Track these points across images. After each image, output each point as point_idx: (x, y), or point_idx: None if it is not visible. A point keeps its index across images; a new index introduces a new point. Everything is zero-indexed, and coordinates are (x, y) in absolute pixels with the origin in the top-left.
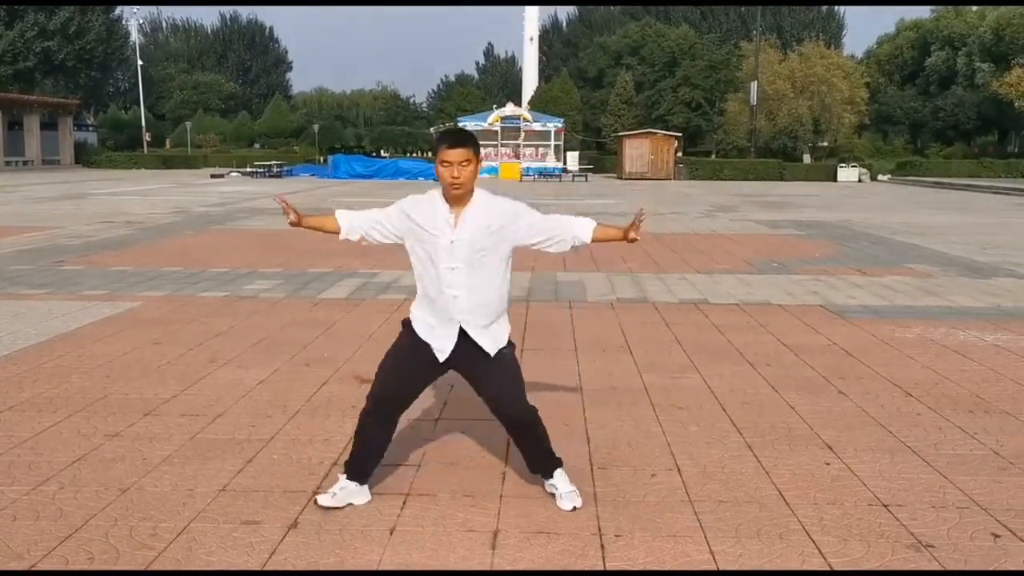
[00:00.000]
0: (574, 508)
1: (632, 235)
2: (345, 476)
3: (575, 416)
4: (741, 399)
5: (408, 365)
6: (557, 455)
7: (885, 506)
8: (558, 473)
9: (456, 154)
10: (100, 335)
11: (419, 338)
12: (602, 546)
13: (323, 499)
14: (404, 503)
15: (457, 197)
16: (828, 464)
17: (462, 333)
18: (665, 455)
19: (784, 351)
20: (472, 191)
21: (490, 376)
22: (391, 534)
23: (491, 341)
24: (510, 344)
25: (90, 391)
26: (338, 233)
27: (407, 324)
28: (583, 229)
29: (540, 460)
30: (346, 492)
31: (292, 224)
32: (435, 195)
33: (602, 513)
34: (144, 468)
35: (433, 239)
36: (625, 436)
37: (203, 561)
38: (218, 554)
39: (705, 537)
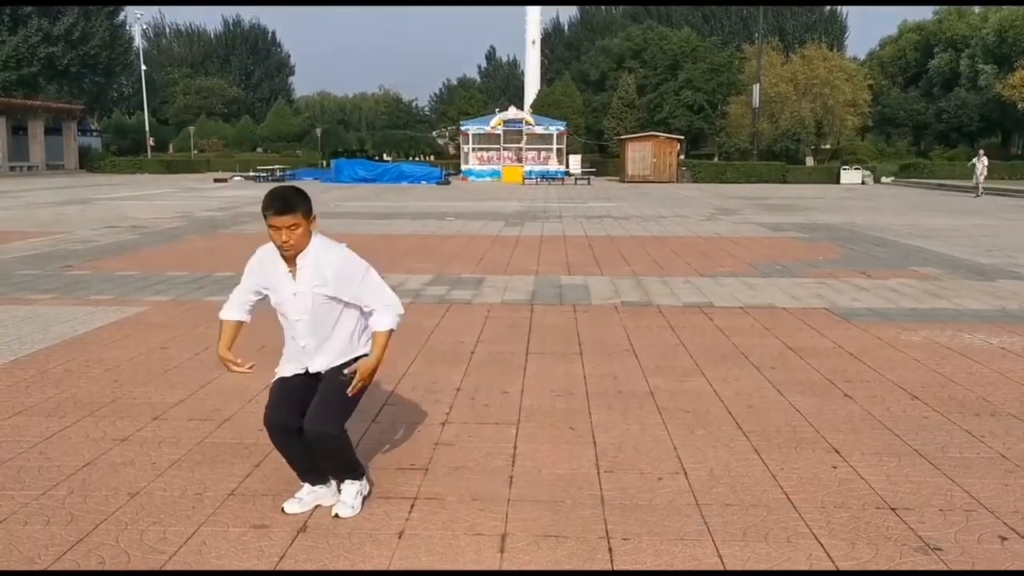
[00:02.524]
0: (336, 516)
1: (360, 368)
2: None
3: (581, 420)
4: (747, 402)
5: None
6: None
7: (892, 509)
8: (347, 483)
9: (283, 220)
10: (107, 340)
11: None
12: (610, 549)
13: (290, 506)
14: (412, 507)
15: (289, 258)
16: (835, 467)
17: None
18: (672, 459)
19: (789, 354)
20: (307, 245)
21: (322, 387)
22: (400, 538)
23: (326, 362)
24: (347, 372)
25: (98, 395)
26: (240, 324)
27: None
28: (385, 321)
29: (318, 471)
30: (313, 496)
31: (229, 363)
32: (272, 251)
33: (609, 517)
34: (153, 472)
35: (278, 292)
36: (631, 440)
37: (213, 565)
38: (228, 558)
39: (713, 540)
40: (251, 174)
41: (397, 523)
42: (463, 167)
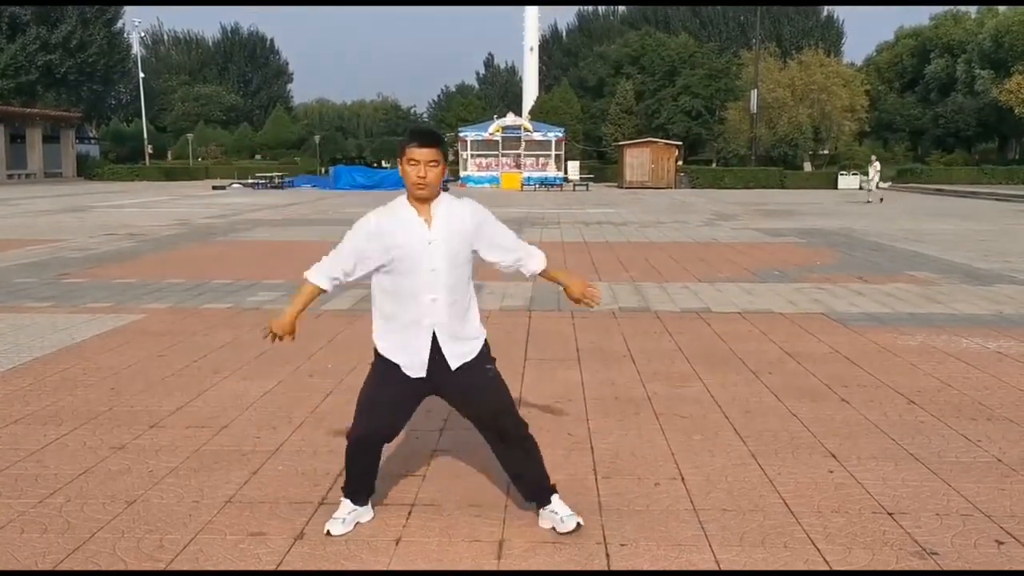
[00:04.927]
0: (578, 525)
1: (576, 295)
2: (350, 501)
3: (578, 426)
4: (744, 408)
5: (386, 397)
6: (551, 479)
7: (889, 514)
8: (556, 499)
9: (424, 153)
10: (104, 347)
11: (391, 365)
12: (607, 555)
13: (335, 527)
14: (410, 513)
15: (423, 198)
16: (832, 472)
17: (435, 345)
18: (669, 464)
19: (786, 359)
20: (438, 193)
21: (471, 382)
22: (397, 544)
23: (464, 351)
24: (492, 359)
25: (95, 403)
26: (320, 293)
27: (377, 354)
28: (537, 261)
29: (533, 483)
30: (354, 515)
31: (288, 333)
32: (396, 205)
33: (607, 523)
34: (150, 480)
35: (408, 246)
36: (629, 445)
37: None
38: (225, 565)
39: (710, 546)
40: (249, 181)
41: (394, 530)
42: (461, 173)
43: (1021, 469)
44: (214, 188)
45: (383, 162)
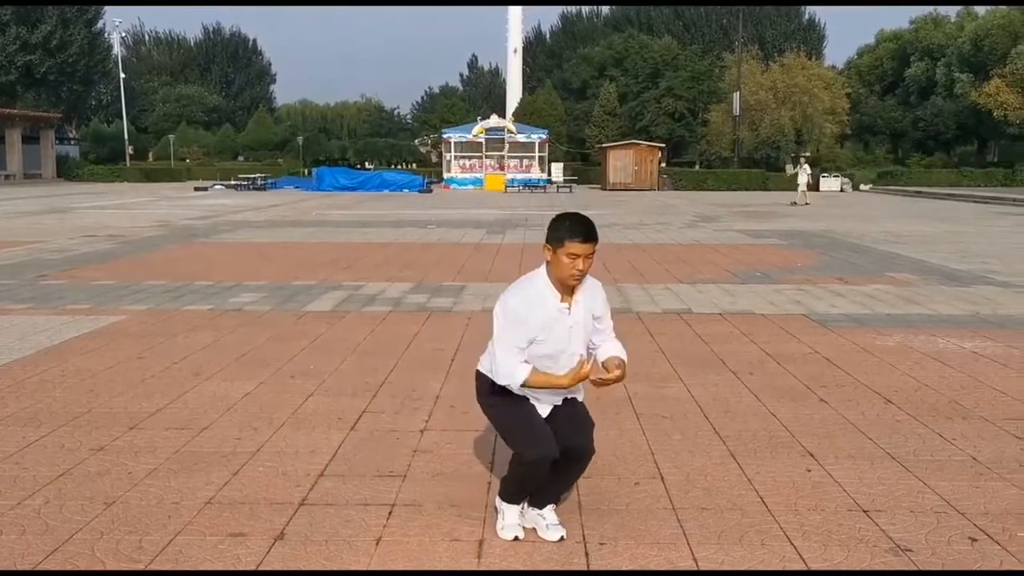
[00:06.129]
0: (561, 538)
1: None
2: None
3: None
4: (724, 408)
5: (535, 413)
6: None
7: (865, 511)
8: (550, 507)
9: (586, 248)
10: (84, 349)
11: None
12: (587, 554)
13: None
14: (390, 513)
15: (572, 288)
16: (809, 471)
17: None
18: (649, 464)
19: (767, 360)
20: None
21: (572, 410)
22: (377, 544)
23: (579, 392)
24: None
25: (74, 405)
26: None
27: (502, 389)
28: (606, 346)
29: (554, 495)
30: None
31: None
32: (539, 286)
33: (587, 521)
34: (129, 482)
35: (552, 332)
36: (609, 445)
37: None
38: (204, 567)
39: (688, 544)
40: (232, 183)
41: (375, 530)
42: (445, 175)
43: (995, 467)
44: (196, 189)
45: (366, 163)
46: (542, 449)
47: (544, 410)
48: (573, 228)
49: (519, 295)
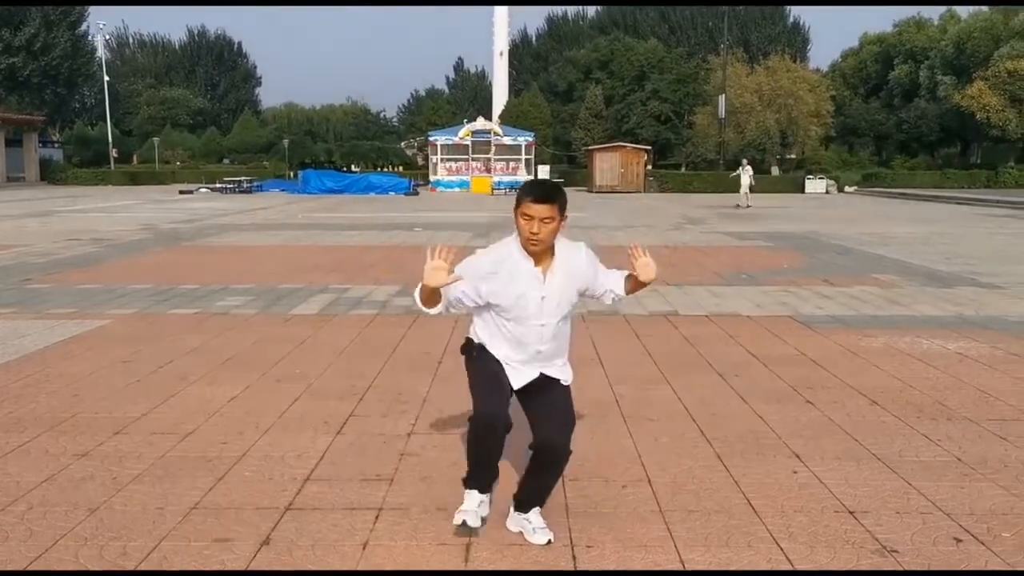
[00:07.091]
0: (549, 542)
1: (641, 276)
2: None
3: None
4: (711, 410)
5: (500, 377)
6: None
7: (851, 513)
8: (536, 510)
9: (539, 209)
10: (68, 354)
11: (496, 359)
12: (574, 557)
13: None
14: (377, 517)
15: (535, 253)
16: (795, 472)
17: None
18: (636, 466)
19: (753, 362)
20: (552, 246)
21: (551, 398)
22: (364, 548)
23: (563, 373)
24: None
25: (58, 410)
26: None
27: (482, 348)
28: (619, 283)
29: (535, 496)
30: (484, 505)
31: (439, 282)
32: (510, 248)
33: (574, 525)
34: (114, 487)
35: (516, 290)
36: (596, 448)
37: None
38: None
39: (675, 546)
40: (217, 186)
41: (362, 534)
42: (432, 178)
43: (980, 468)
44: (181, 192)
45: (352, 166)
46: (486, 406)
47: (518, 379)
48: (529, 188)
49: (496, 250)
